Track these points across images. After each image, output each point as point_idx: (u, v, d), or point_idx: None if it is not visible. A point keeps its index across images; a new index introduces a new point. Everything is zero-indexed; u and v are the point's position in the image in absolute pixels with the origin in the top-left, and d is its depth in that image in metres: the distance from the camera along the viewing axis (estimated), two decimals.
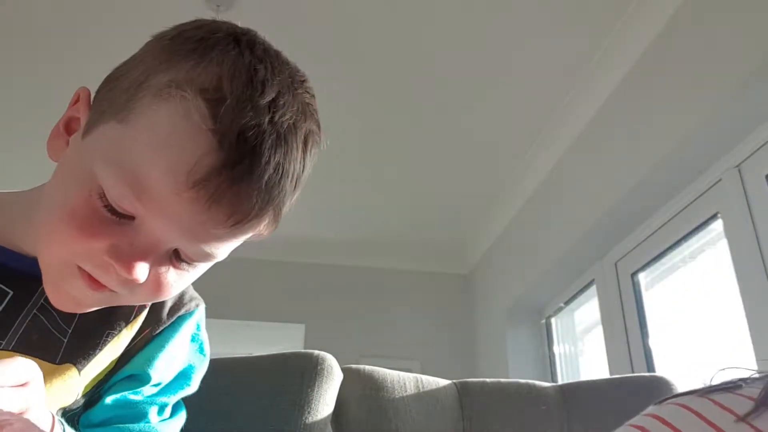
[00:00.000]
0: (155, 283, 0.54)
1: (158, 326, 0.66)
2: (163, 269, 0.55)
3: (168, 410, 0.69)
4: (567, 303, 2.88)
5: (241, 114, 0.50)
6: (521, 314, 3.07)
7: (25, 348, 0.57)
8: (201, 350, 0.72)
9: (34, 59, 2.31)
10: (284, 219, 0.58)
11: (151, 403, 0.67)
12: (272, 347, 3.13)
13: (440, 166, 2.90)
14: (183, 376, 0.70)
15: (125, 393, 0.65)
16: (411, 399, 1.07)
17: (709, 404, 0.47)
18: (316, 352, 0.98)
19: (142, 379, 0.65)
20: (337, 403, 0.98)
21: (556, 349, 2.98)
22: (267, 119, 0.51)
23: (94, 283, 0.53)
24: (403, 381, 1.09)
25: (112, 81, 0.56)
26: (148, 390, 0.66)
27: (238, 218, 0.51)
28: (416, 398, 1.08)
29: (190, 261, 0.55)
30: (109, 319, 0.63)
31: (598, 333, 2.47)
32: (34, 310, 0.58)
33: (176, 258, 0.55)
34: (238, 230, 0.53)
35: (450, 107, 2.53)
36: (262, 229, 0.57)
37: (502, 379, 1.19)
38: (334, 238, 3.56)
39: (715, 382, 0.50)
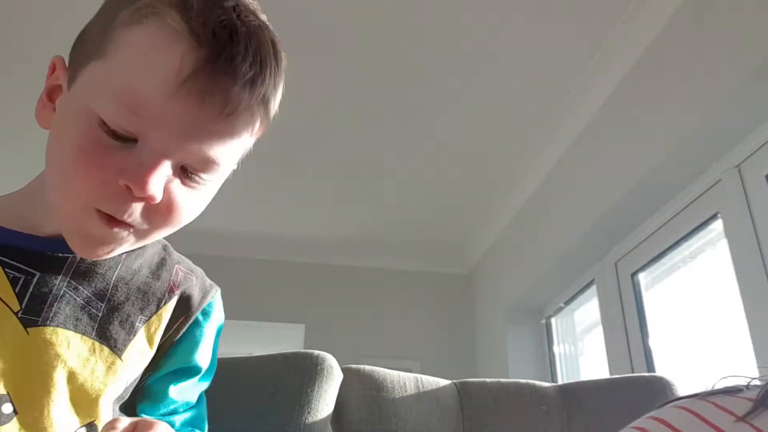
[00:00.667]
0: (168, 204, 0.57)
1: (191, 314, 0.68)
2: (173, 187, 0.57)
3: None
4: (567, 303, 2.88)
5: (211, 13, 0.54)
6: (521, 314, 3.07)
7: (60, 323, 0.58)
8: (218, 331, 0.76)
9: (33, 60, 2.30)
10: (285, 219, 0.59)
11: (201, 388, 0.72)
12: (272, 347, 3.13)
13: (440, 166, 2.90)
14: (213, 358, 0.74)
15: (183, 382, 0.68)
16: (411, 399, 1.07)
17: (710, 406, 0.47)
18: (316, 352, 0.98)
19: (192, 369, 0.69)
20: (337, 403, 0.98)
21: (556, 349, 2.98)
22: (235, 16, 0.56)
23: (112, 220, 0.56)
24: (403, 381, 1.09)
25: (82, 36, 0.60)
26: (197, 380, 0.70)
27: (232, 108, 0.55)
28: (416, 398, 1.08)
29: (196, 172, 0.58)
30: (140, 304, 0.64)
31: (598, 333, 2.47)
32: (63, 287, 0.60)
33: (184, 175, 0.58)
34: (234, 123, 0.56)
35: (450, 107, 2.53)
36: (256, 125, 0.60)
37: (502, 379, 1.19)
38: (334, 238, 3.55)
39: (716, 388, 0.50)
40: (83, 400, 0.58)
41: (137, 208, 0.55)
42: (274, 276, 3.53)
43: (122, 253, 0.64)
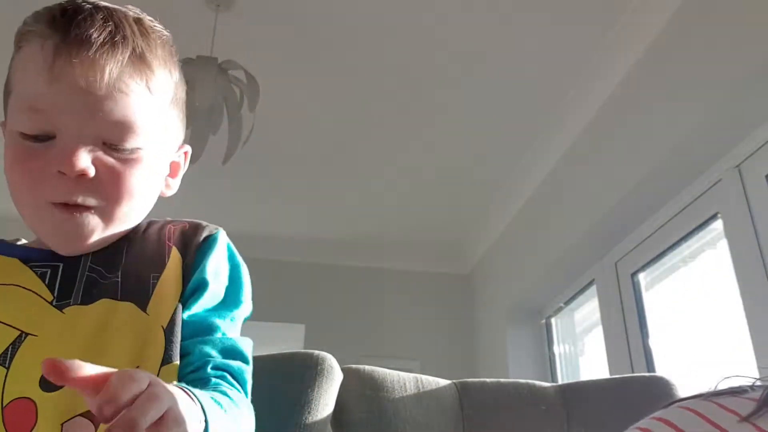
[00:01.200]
0: (107, 175, 0.64)
1: (194, 247, 0.73)
2: (105, 160, 0.64)
3: (239, 328, 0.76)
4: (567, 303, 2.88)
5: (57, 5, 0.65)
6: (521, 314, 3.07)
7: (89, 298, 0.66)
8: (239, 269, 0.78)
9: None
10: (285, 218, 0.58)
11: (219, 316, 0.73)
12: (272, 347, 3.12)
13: (440, 166, 2.90)
14: (235, 290, 0.76)
15: (194, 306, 0.70)
16: (411, 399, 1.07)
17: (714, 407, 0.47)
18: (316, 352, 0.98)
19: (202, 285, 0.71)
20: (337, 403, 0.98)
21: (556, 349, 2.98)
22: (78, 2, 0.65)
23: (69, 207, 0.63)
24: (403, 381, 1.09)
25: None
26: (211, 298, 0.72)
27: (101, 71, 0.61)
28: (416, 398, 1.08)
29: (119, 143, 0.64)
30: (149, 266, 0.70)
31: (598, 333, 2.47)
32: (86, 273, 0.68)
33: (110, 148, 0.64)
34: (116, 84, 0.63)
35: (450, 107, 2.53)
36: (145, 81, 0.65)
37: (502, 379, 1.19)
38: (334, 238, 3.56)
39: (720, 388, 0.50)
40: (124, 352, 0.64)
41: (82, 187, 0.63)
42: (274, 276, 3.52)
43: (127, 238, 0.70)
